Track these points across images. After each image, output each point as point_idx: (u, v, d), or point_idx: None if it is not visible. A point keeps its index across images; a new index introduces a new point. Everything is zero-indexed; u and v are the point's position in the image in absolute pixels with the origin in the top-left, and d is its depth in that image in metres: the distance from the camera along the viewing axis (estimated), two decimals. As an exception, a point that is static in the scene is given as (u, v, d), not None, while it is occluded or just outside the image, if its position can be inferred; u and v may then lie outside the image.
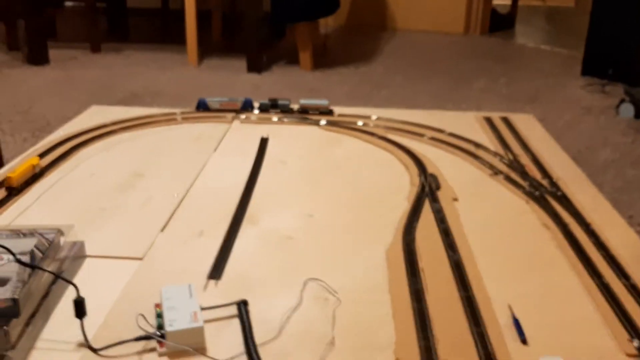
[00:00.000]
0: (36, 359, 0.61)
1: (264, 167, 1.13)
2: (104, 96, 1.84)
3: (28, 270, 0.64)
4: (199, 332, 0.62)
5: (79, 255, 0.78)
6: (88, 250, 0.81)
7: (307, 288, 0.74)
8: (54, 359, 0.62)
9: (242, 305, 0.69)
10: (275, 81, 2.04)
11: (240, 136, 1.29)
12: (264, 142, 1.25)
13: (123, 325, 0.67)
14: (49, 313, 0.68)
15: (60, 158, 1.14)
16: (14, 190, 0.99)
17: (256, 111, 1.43)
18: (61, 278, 0.64)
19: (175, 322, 0.62)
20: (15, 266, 0.64)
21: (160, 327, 0.64)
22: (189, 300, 0.66)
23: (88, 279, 0.76)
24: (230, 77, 2.09)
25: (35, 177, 1.04)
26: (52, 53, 2.29)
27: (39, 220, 0.91)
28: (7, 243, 0.68)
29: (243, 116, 1.41)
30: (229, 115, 1.41)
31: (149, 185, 1.03)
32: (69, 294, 0.71)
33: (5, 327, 0.59)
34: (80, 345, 0.63)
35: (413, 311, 0.70)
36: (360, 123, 1.37)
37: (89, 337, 0.63)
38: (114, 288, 0.74)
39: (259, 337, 0.65)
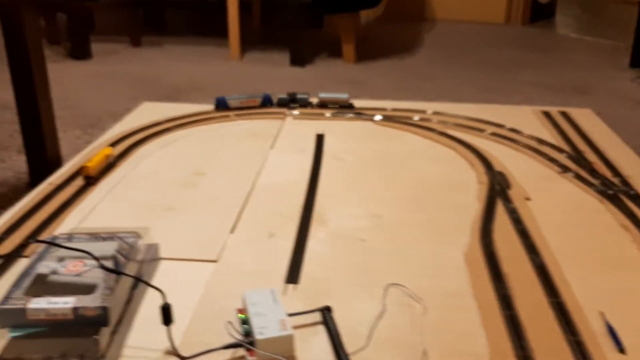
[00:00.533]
0: (125, 367, 0.60)
1: (324, 164, 1.11)
2: (149, 91, 1.84)
3: (113, 276, 0.62)
4: (289, 340, 0.60)
5: (154, 258, 0.77)
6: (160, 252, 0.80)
7: (388, 293, 0.72)
8: (142, 367, 0.60)
9: (327, 312, 0.67)
10: (319, 74, 2.02)
11: (294, 132, 1.27)
12: (320, 139, 1.23)
13: (207, 331, 0.65)
14: (132, 320, 0.67)
15: (120, 156, 1.14)
16: (92, 179, 1.02)
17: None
18: (147, 284, 0.63)
19: (265, 330, 0.60)
20: (100, 272, 0.63)
21: (247, 334, 0.63)
22: (274, 306, 0.64)
23: (164, 283, 0.75)
24: (273, 70, 2.07)
25: (109, 166, 1.08)
26: (93, 47, 2.29)
27: (107, 220, 0.90)
28: (87, 247, 0.67)
29: (296, 112, 1.39)
30: (282, 111, 1.39)
31: (212, 184, 1.02)
32: (149, 299, 0.70)
33: (95, 337, 0.57)
34: (168, 352, 0.62)
35: (504, 318, 0.67)
36: (416, 118, 1.34)
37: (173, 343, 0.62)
38: (191, 291, 0.72)
39: (345, 345, 0.63)
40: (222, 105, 1.39)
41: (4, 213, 1.07)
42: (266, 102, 1.42)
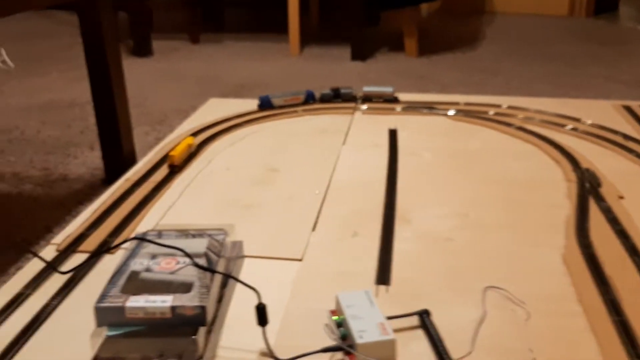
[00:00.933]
0: (221, 369, 0.59)
1: (400, 160, 1.07)
2: (212, 88, 1.84)
3: (208, 274, 0.61)
4: (390, 345, 0.58)
5: (239, 255, 0.75)
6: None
7: (486, 297, 0.69)
8: (239, 369, 0.59)
9: (425, 316, 0.64)
10: (381, 69, 1.98)
11: (365, 128, 1.24)
12: (393, 134, 1.20)
13: (301, 333, 0.63)
14: (223, 319, 0.65)
15: (192, 153, 1.13)
16: (176, 167, 1.04)
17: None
18: (242, 283, 0.61)
19: (364, 334, 0.58)
20: (193, 270, 0.62)
21: (344, 337, 0.60)
22: (370, 308, 0.62)
23: (248, 281, 0.73)
24: (334, 65, 2.05)
25: (191, 156, 1.10)
26: (153, 45, 2.31)
27: (186, 217, 0.89)
28: (179, 244, 0.66)
29: (364, 107, 1.36)
30: (351, 106, 1.36)
31: (287, 181, 1.00)
32: (238, 298, 0.69)
33: (194, 337, 0.56)
34: (263, 354, 0.60)
35: (614, 325, 0.63)
36: (491, 112, 1.29)
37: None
38: (276, 290, 0.70)
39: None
40: (266, 104, 1.36)
41: (83, 209, 1.08)
42: (309, 98, 1.39)
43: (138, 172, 1.05)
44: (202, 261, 0.63)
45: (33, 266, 0.76)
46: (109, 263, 0.77)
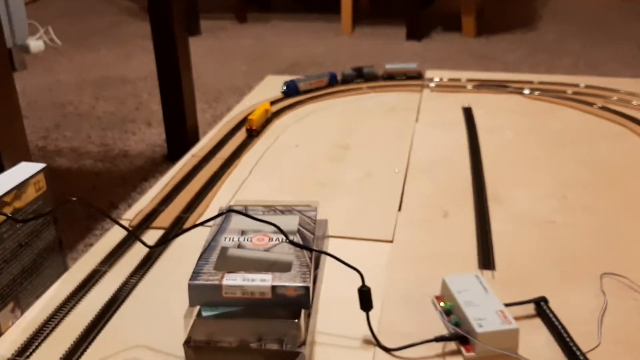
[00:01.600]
0: (323, 356, 0.53)
1: (481, 139, 1.01)
2: (264, 66, 1.78)
3: (306, 252, 0.56)
4: (513, 335, 0.52)
5: (325, 235, 0.70)
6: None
7: (603, 284, 0.62)
8: (342, 356, 0.53)
9: (544, 303, 0.57)
10: (439, 48, 1.90)
11: (437, 105, 1.18)
12: (468, 112, 1.13)
13: (403, 319, 0.58)
14: (318, 302, 0.60)
15: (269, 119, 1.08)
16: (254, 132, 1.04)
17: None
18: (345, 264, 0.56)
19: (484, 322, 0.52)
20: (288, 247, 0.57)
21: (457, 325, 0.54)
22: (485, 295, 0.56)
23: (333, 262, 0.68)
24: (388, 45, 1.97)
25: (267, 121, 1.11)
26: (200, 24, 2.27)
27: (259, 194, 0.84)
28: (275, 220, 0.61)
29: (433, 84, 1.30)
30: (419, 84, 1.30)
31: (361, 158, 0.94)
32: (327, 279, 0.64)
33: (296, 320, 0.51)
34: (367, 342, 0.55)
35: None
36: (570, 92, 1.22)
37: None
38: (370, 273, 0.65)
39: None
40: (292, 89, 1.24)
41: (147, 185, 1.04)
42: (332, 81, 1.30)
43: (204, 148, 1.00)
44: (295, 239, 0.58)
45: (104, 243, 0.72)
46: (181, 240, 0.72)
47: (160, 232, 0.74)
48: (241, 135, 1.05)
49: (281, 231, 0.57)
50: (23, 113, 1.41)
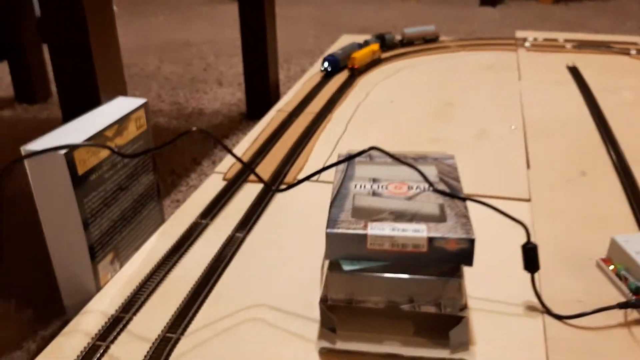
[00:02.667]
0: (482, 324, 0.45)
1: (598, 98, 0.90)
2: (331, 31, 1.70)
3: (460, 203, 0.47)
4: None
5: (454, 190, 0.61)
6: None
7: None
8: (505, 325, 0.45)
9: None
10: (517, 14, 1.79)
11: (536, 65, 1.07)
12: (574, 72, 1.03)
13: (567, 284, 0.49)
14: (463, 262, 0.51)
15: (344, 86, 0.99)
16: (356, 71, 1.03)
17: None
18: (507, 216, 0.47)
19: (684, 288, 0.43)
20: (434, 197, 0.48)
21: (636, 290, 0.45)
22: (672, 257, 0.46)
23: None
24: (461, 11, 1.86)
25: (374, 62, 1.08)
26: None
27: (361, 148, 0.75)
28: (399, 170, 0.53)
29: (527, 44, 1.19)
30: (512, 42, 1.20)
31: (469, 115, 0.85)
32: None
33: (457, 278, 0.42)
34: (531, 308, 0.46)
35: None
36: (687, 51, 1.10)
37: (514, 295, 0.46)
38: (504, 232, 0.56)
39: None
40: (334, 65, 1.03)
41: (229, 142, 0.96)
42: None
43: (290, 103, 0.92)
44: (440, 187, 0.49)
45: (201, 196, 0.65)
46: (282, 196, 0.64)
47: (258, 186, 0.67)
48: (329, 90, 0.97)
49: (425, 178, 0.48)
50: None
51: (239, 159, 0.47)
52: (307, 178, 0.48)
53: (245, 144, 0.78)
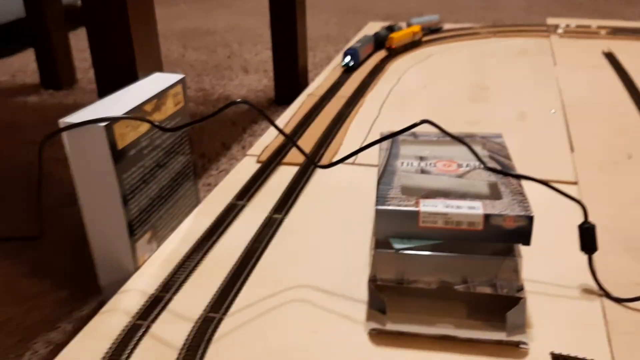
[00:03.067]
0: (538, 306, 0.43)
1: (638, 84, 0.88)
2: (355, 18, 1.67)
3: (515, 180, 0.45)
4: None
5: (498, 172, 0.59)
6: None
7: None
8: (562, 307, 0.43)
9: None
10: (544, 2, 1.75)
11: (570, 50, 1.05)
12: (611, 57, 1.00)
13: (625, 266, 0.47)
14: (513, 243, 0.49)
15: (374, 71, 0.98)
16: (393, 50, 1.04)
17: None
18: (566, 195, 0.45)
19: None
20: (487, 175, 0.46)
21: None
22: None
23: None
24: None
25: (414, 44, 1.08)
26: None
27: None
28: (447, 149, 0.51)
29: (560, 30, 1.16)
30: (544, 28, 1.17)
31: (505, 98, 0.83)
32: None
33: (514, 257, 0.40)
34: (587, 291, 0.44)
35: None
36: None
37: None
38: (563, 215, 0.54)
39: None
40: (355, 58, 0.97)
41: (258, 128, 0.95)
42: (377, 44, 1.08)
43: (320, 87, 0.90)
44: (491, 165, 0.47)
45: (235, 178, 0.63)
46: (318, 177, 0.63)
47: (292, 169, 0.65)
48: (359, 75, 0.95)
49: (477, 155, 0.46)
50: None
51: (282, 132, 0.46)
52: (354, 154, 0.46)
53: (279, 125, 0.76)
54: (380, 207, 0.42)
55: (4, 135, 0.92)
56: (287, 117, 0.79)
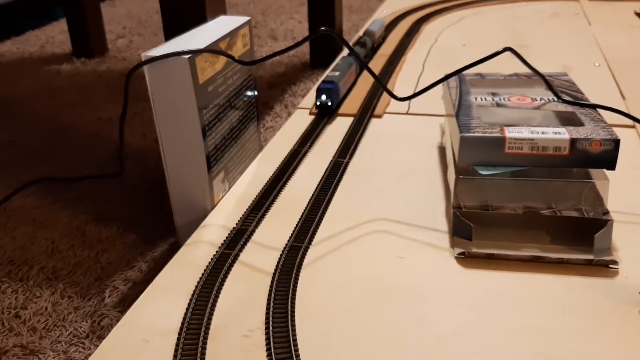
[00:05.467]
0: (621, 234, 0.43)
1: (675, 40, 0.88)
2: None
3: (592, 110, 0.45)
4: None
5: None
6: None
7: None
8: (643, 233, 0.43)
9: None
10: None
11: (604, 12, 1.05)
12: (646, 17, 1.00)
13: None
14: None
15: (411, 31, 0.98)
16: None
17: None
18: (641, 122, 0.45)
19: None
20: (563, 107, 0.46)
21: None
22: None
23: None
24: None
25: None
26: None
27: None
28: (518, 87, 0.51)
29: (590, -6, 1.16)
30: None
31: (547, 54, 0.83)
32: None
33: (602, 181, 0.41)
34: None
35: None
36: None
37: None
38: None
39: None
40: (335, 97, 0.65)
41: (297, 89, 0.95)
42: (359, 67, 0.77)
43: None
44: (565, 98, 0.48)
45: (290, 129, 0.63)
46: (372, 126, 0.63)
47: (347, 120, 0.65)
48: (396, 36, 0.95)
49: (551, 88, 0.47)
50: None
51: (368, 69, 0.46)
52: (432, 86, 0.47)
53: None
54: (465, 135, 0.42)
55: (46, 100, 0.92)
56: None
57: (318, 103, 0.65)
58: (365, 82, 0.76)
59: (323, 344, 0.34)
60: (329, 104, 0.65)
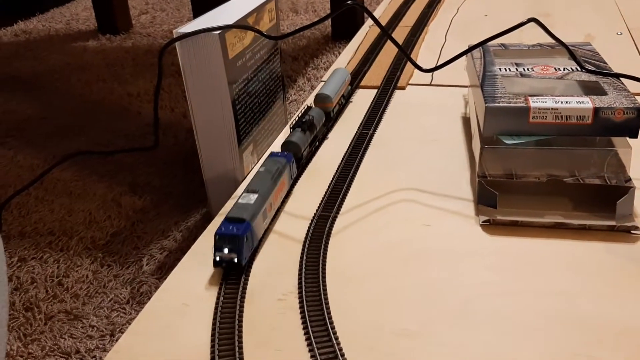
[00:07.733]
0: (641, 199, 0.44)
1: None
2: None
3: (615, 80, 0.46)
4: None
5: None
6: None
7: None
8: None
9: None
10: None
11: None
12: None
13: None
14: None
15: (433, 1, 0.98)
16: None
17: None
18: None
19: None
20: (587, 77, 0.47)
21: None
22: None
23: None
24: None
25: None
26: None
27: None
28: (541, 57, 0.52)
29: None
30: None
31: (568, 23, 0.83)
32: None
33: (625, 148, 0.42)
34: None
35: None
36: None
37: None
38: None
39: None
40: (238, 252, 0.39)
41: (319, 62, 0.96)
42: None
43: (381, 18, 0.91)
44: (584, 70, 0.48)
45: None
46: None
47: (370, 92, 0.66)
48: (417, 7, 0.95)
49: (575, 58, 0.47)
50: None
51: (392, 40, 0.47)
52: (457, 58, 0.47)
53: (346, 56, 0.77)
54: (490, 105, 0.43)
55: (75, 76, 0.94)
56: (354, 47, 0.80)
57: (217, 259, 0.39)
58: (388, 54, 0.76)
59: (353, 305, 0.36)
60: (235, 260, 0.38)
